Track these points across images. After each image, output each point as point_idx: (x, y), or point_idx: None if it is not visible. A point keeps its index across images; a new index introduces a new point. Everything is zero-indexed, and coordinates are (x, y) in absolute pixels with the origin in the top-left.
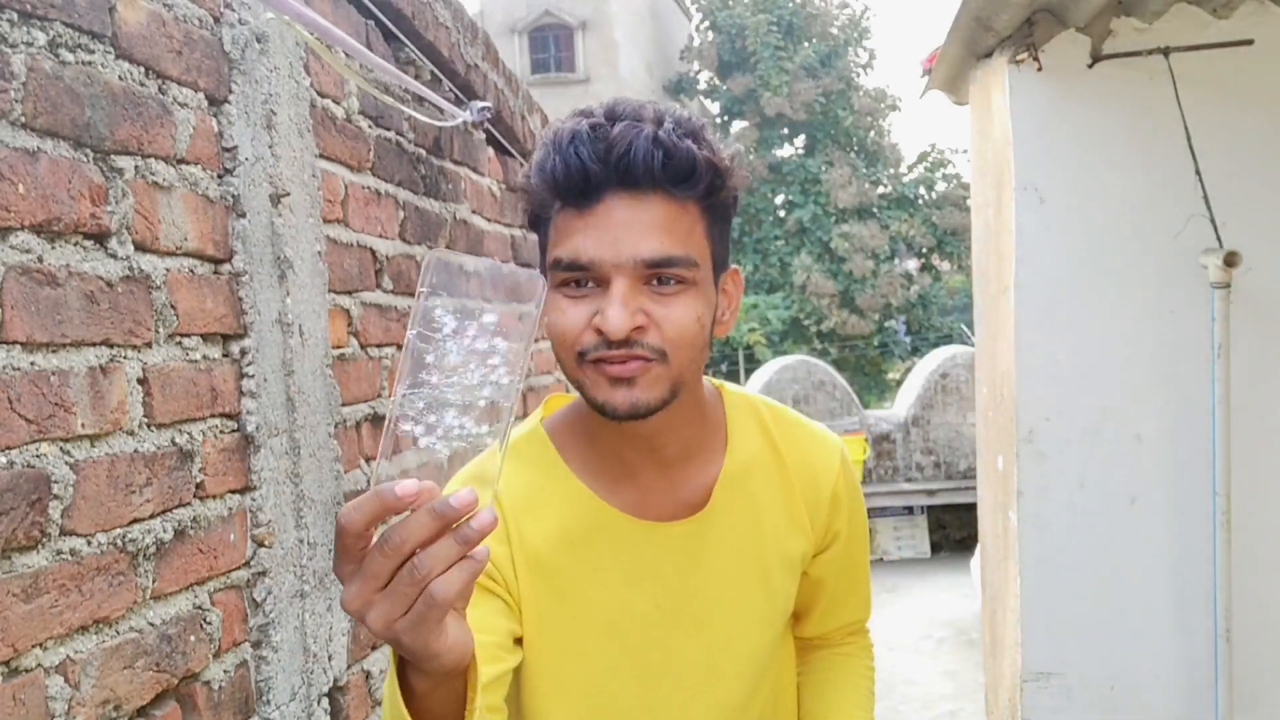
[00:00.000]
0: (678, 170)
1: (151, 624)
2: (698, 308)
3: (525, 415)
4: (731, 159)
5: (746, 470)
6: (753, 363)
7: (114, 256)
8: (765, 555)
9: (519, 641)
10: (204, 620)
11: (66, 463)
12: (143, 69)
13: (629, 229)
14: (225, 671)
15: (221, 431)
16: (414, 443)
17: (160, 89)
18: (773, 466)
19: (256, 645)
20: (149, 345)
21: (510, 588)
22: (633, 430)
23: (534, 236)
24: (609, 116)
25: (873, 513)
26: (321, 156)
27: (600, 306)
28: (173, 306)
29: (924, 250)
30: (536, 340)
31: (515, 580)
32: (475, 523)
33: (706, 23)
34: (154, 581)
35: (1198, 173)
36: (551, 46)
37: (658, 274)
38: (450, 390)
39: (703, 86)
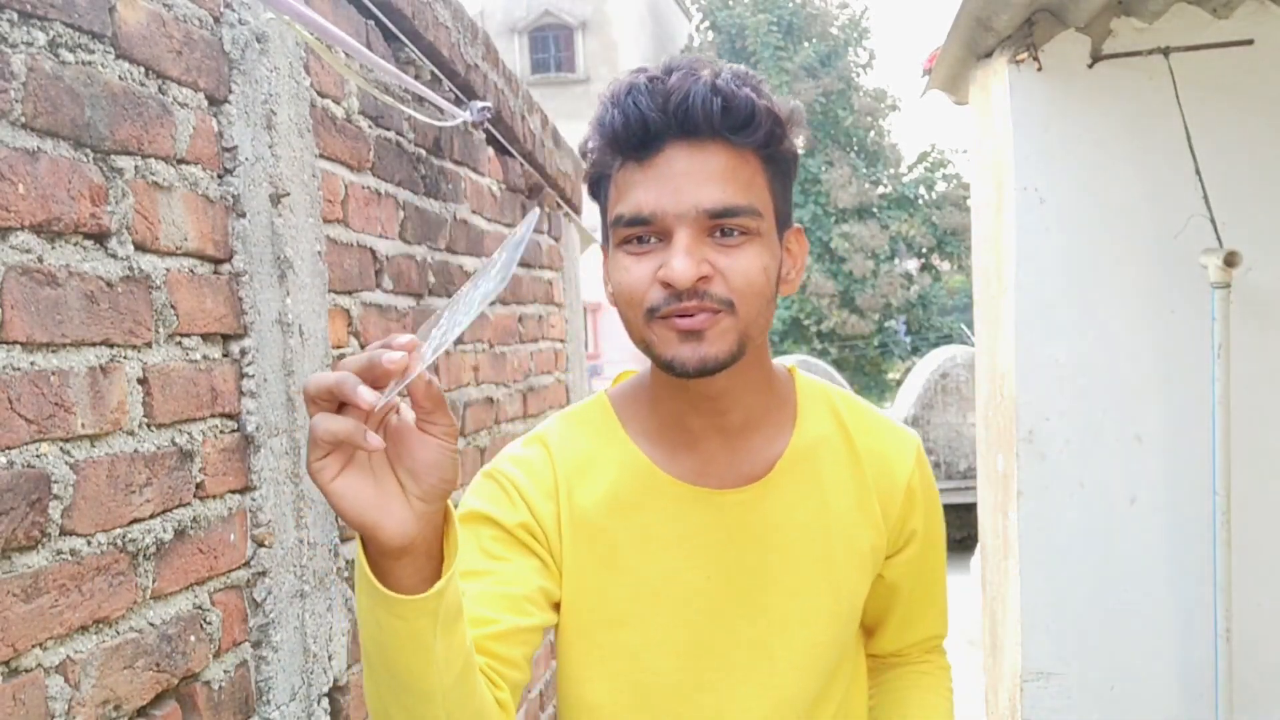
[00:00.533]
0: (736, 117)
1: (151, 624)
2: (763, 258)
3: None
4: (791, 112)
5: (814, 450)
6: None
7: (114, 256)
8: (830, 542)
9: (557, 607)
10: (204, 620)
11: (66, 463)
12: (143, 69)
13: (690, 178)
14: (225, 671)
15: (221, 431)
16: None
17: (160, 89)
18: (843, 452)
19: (256, 645)
20: (149, 345)
21: (552, 548)
22: (698, 391)
23: (534, 236)
24: (666, 70)
25: None
26: (321, 156)
27: (664, 260)
28: (173, 306)
29: (924, 250)
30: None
31: (559, 541)
32: (385, 356)
33: (706, 23)
34: (154, 581)
35: (1198, 173)
36: (551, 46)
37: (720, 224)
38: (446, 313)
39: None
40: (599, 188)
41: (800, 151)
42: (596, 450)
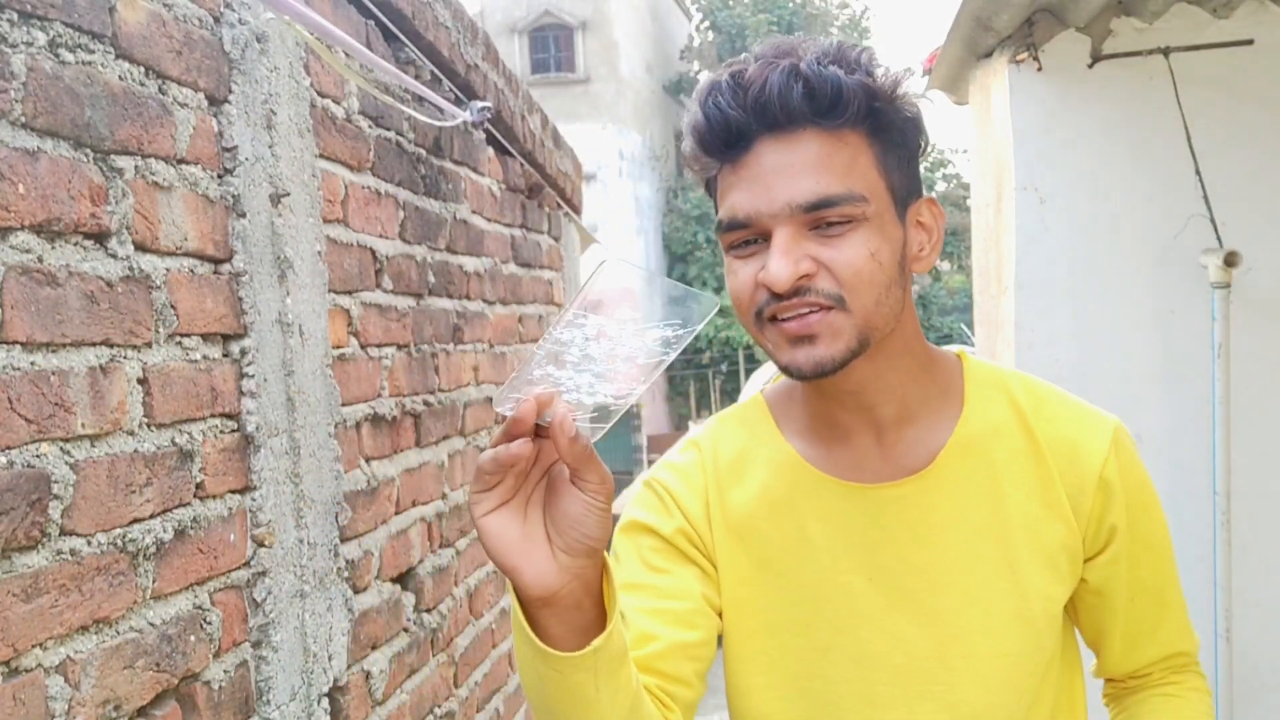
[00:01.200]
0: (822, 100)
1: (151, 624)
2: (872, 243)
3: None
4: (898, 80)
5: (984, 440)
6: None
7: (114, 256)
8: (1010, 539)
9: (722, 615)
10: (204, 620)
11: (66, 463)
12: (143, 69)
13: (780, 174)
14: (225, 671)
15: (221, 431)
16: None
17: (160, 89)
18: (1021, 441)
19: (256, 645)
20: (149, 345)
21: (708, 551)
22: (835, 388)
23: (534, 236)
24: (754, 60)
25: None
26: (321, 156)
27: (766, 261)
28: (173, 306)
29: None
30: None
31: (713, 544)
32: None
33: (706, 23)
34: (154, 581)
35: (1198, 173)
36: (551, 46)
37: (820, 217)
38: (569, 350)
39: None
40: (710, 190)
41: (917, 120)
42: (750, 449)
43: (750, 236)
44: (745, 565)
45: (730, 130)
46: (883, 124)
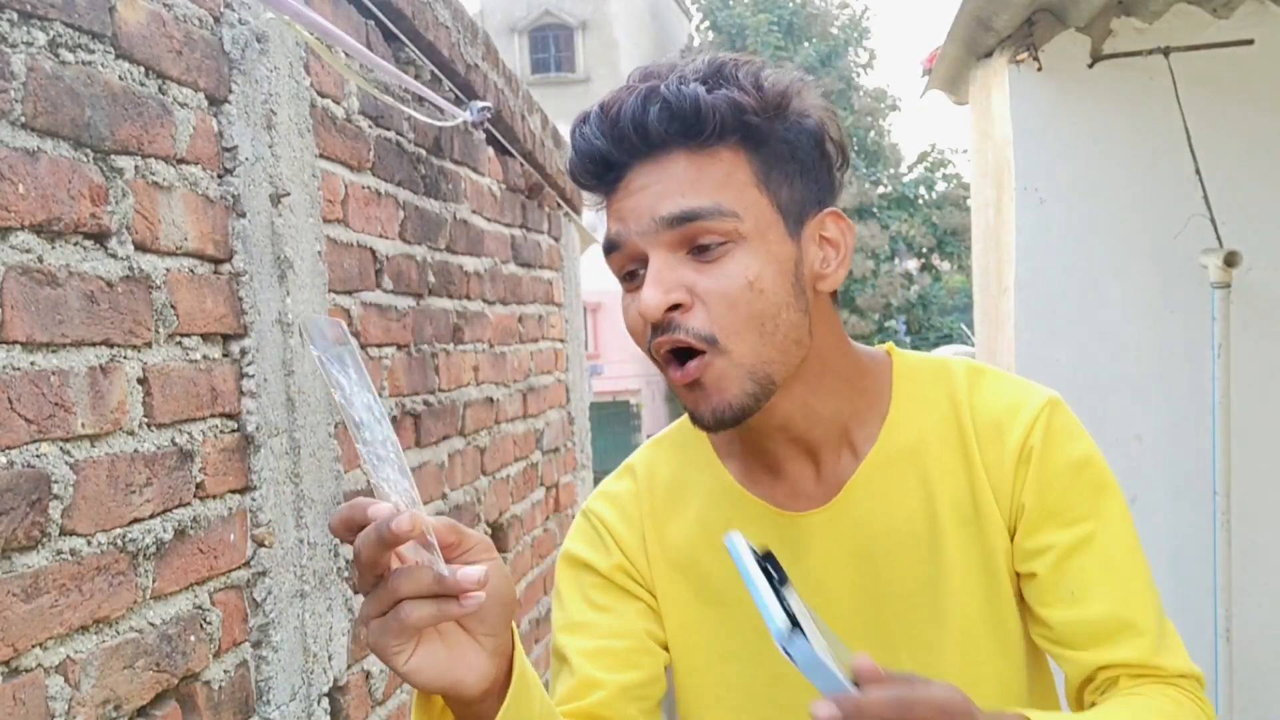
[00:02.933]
0: (682, 120)
1: (151, 624)
2: (751, 268)
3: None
4: (783, 92)
5: (914, 445)
6: None
7: (114, 256)
8: (943, 546)
9: (668, 647)
10: (204, 620)
11: (66, 463)
12: (143, 69)
13: (646, 193)
14: (225, 671)
15: (221, 431)
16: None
17: (160, 89)
18: (952, 438)
19: (256, 645)
20: (149, 345)
21: (647, 585)
22: (761, 424)
23: (534, 236)
24: (623, 88)
25: None
26: (321, 156)
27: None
28: (173, 306)
29: (924, 250)
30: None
31: (652, 577)
32: (394, 526)
33: (706, 23)
34: (154, 581)
35: (1198, 173)
36: (551, 46)
37: (690, 235)
38: (379, 446)
39: None
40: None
41: (815, 129)
42: (686, 475)
43: (630, 264)
44: (688, 597)
45: (599, 161)
46: (759, 138)
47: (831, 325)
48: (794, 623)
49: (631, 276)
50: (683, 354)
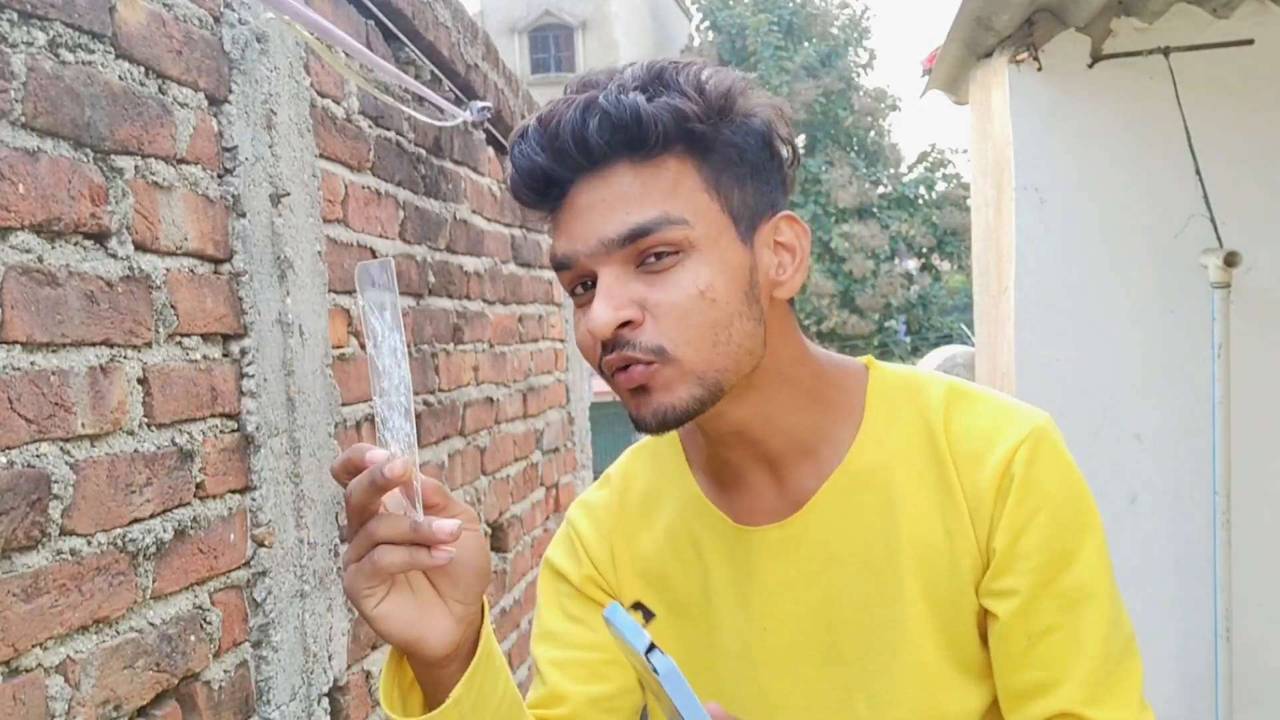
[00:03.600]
0: (623, 131)
1: (151, 624)
2: (702, 277)
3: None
4: (726, 93)
5: (882, 466)
6: None
7: (114, 256)
8: (905, 575)
9: None
10: (204, 620)
11: (66, 463)
12: (143, 69)
13: (593, 211)
14: (225, 671)
15: (221, 431)
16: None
17: (160, 89)
18: (925, 461)
19: (256, 645)
20: (149, 345)
21: (615, 595)
22: (714, 429)
23: (534, 236)
24: (562, 98)
25: None
26: (321, 156)
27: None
28: (173, 306)
29: (924, 250)
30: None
31: (620, 589)
32: (387, 469)
33: (706, 23)
34: (154, 581)
35: (1198, 173)
36: (551, 46)
37: (641, 250)
38: (393, 393)
39: None
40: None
41: (764, 131)
42: (659, 486)
43: (579, 280)
44: (657, 608)
45: (541, 179)
46: (704, 144)
47: (788, 334)
48: (653, 645)
49: (583, 289)
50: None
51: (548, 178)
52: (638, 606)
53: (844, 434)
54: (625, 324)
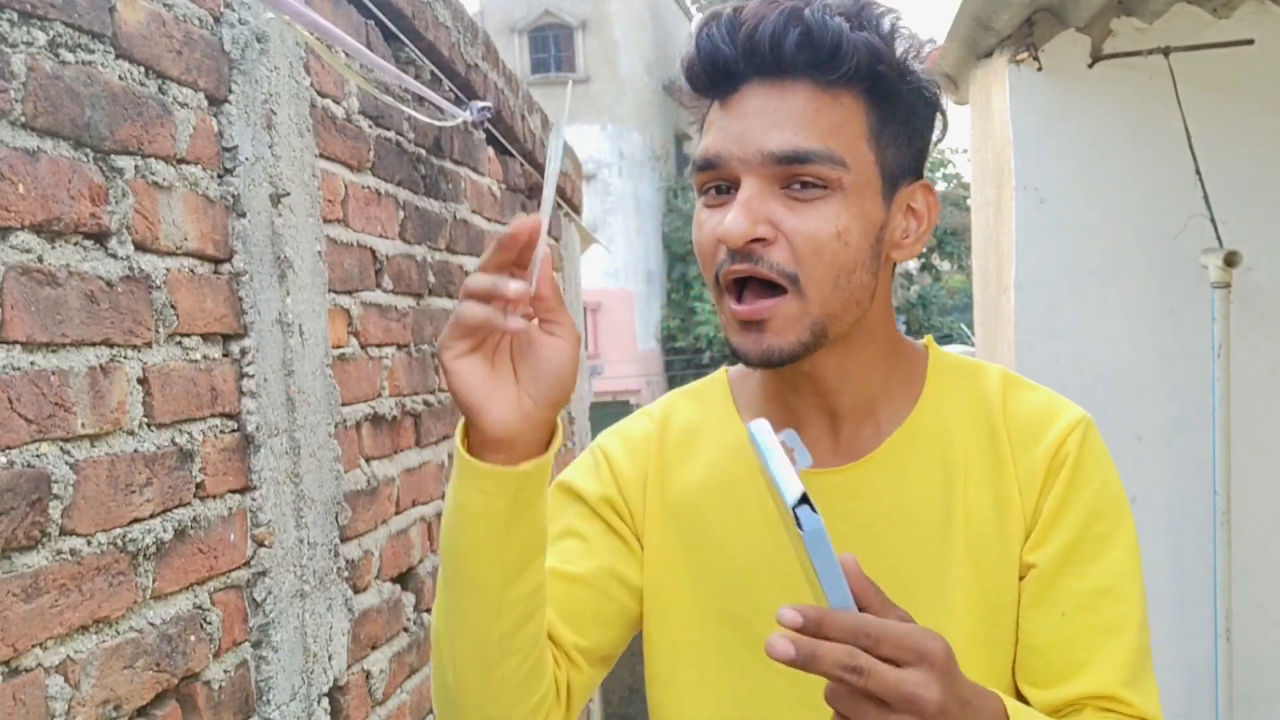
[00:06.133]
0: (819, 51)
1: (151, 624)
2: (841, 219)
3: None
4: (915, 51)
5: (939, 431)
6: None
7: (114, 256)
8: (955, 535)
9: (638, 594)
10: (204, 620)
11: (66, 462)
12: (143, 69)
13: (760, 118)
14: (225, 671)
15: (221, 431)
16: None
17: (160, 89)
18: (981, 433)
19: (256, 645)
20: (149, 345)
21: (635, 525)
22: (793, 372)
23: None
24: None
25: None
26: (321, 156)
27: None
28: (173, 306)
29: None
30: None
31: (641, 516)
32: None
33: None
34: (154, 581)
35: (1198, 173)
36: (551, 46)
37: (793, 173)
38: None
39: None
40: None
41: (929, 96)
42: (702, 426)
43: (720, 181)
44: (677, 548)
45: (718, 67)
46: (884, 92)
47: (885, 298)
48: (806, 499)
49: (716, 191)
50: (749, 285)
51: (728, 69)
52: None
53: (905, 399)
54: (758, 240)
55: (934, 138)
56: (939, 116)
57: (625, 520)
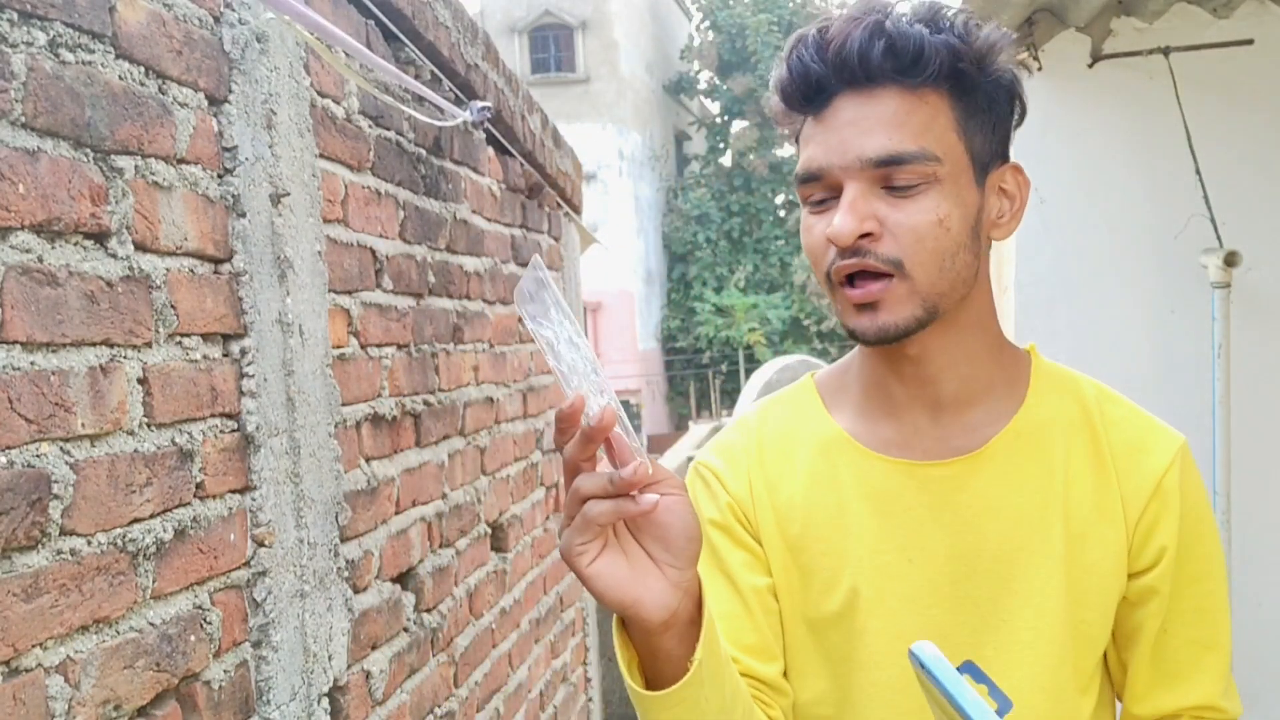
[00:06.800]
0: (903, 58)
1: (151, 624)
2: (942, 208)
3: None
4: (991, 45)
5: (1044, 432)
6: (753, 362)
7: (114, 256)
8: (1058, 535)
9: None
10: (204, 620)
11: (66, 463)
12: (143, 69)
13: (855, 127)
14: (225, 671)
15: (221, 431)
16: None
17: (160, 89)
18: (1083, 438)
19: (256, 645)
20: (149, 345)
21: (754, 529)
22: (899, 354)
23: (534, 236)
24: (840, 16)
25: None
26: (321, 156)
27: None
28: (173, 306)
29: None
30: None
31: (758, 522)
32: (594, 418)
33: (707, 22)
34: (154, 581)
35: (1198, 173)
36: (551, 46)
37: (890, 174)
38: (585, 375)
39: (703, 86)
40: (796, 144)
41: (1009, 83)
42: (796, 428)
43: (823, 193)
44: (781, 545)
45: (810, 84)
46: (967, 86)
47: (986, 287)
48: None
49: (819, 201)
50: (859, 275)
51: (819, 85)
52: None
53: (1009, 397)
54: (865, 235)
55: (1014, 122)
56: (1017, 101)
57: (746, 528)
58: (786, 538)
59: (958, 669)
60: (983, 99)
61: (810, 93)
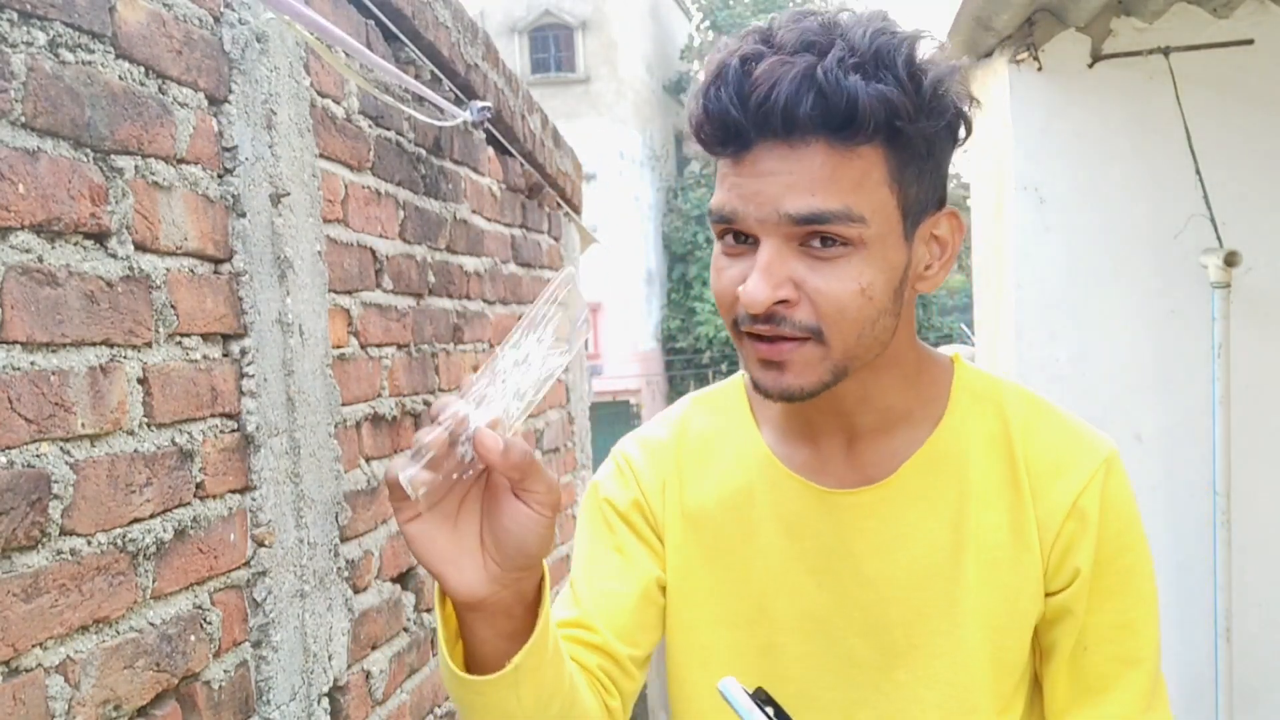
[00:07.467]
0: (834, 116)
1: (151, 624)
2: (865, 275)
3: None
4: (935, 88)
5: (958, 456)
6: None
7: (114, 256)
8: (967, 562)
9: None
10: (204, 620)
11: (66, 462)
12: (143, 69)
13: (776, 179)
14: (225, 671)
15: (221, 431)
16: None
17: (160, 89)
18: (999, 460)
19: (256, 645)
20: (149, 345)
21: (658, 530)
22: (814, 401)
23: (534, 236)
24: (768, 42)
25: None
26: (321, 156)
27: (749, 270)
28: (173, 306)
29: None
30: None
31: (663, 523)
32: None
33: (707, 22)
34: (154, 581)
35: (1198, 173)
36: (551, 46)
37: (813, 233)
38: (513, 377)
39: None
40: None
41: (952, 115)
42: (720, 435)
43: (734, 233)
44: (695, 553)
45: (729, 130)
46: (905, 139)
47: (909, 321)
48: None
49: (734, 238)
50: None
51: (738, 131)
52: (762, 697)
53: (925, 419)
54: (781, 302)
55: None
56: (963, 129)
57: (651, 524)
58: (700, 546)
59: (750, 695)
60: (922, 145)
61: (728, 138)
